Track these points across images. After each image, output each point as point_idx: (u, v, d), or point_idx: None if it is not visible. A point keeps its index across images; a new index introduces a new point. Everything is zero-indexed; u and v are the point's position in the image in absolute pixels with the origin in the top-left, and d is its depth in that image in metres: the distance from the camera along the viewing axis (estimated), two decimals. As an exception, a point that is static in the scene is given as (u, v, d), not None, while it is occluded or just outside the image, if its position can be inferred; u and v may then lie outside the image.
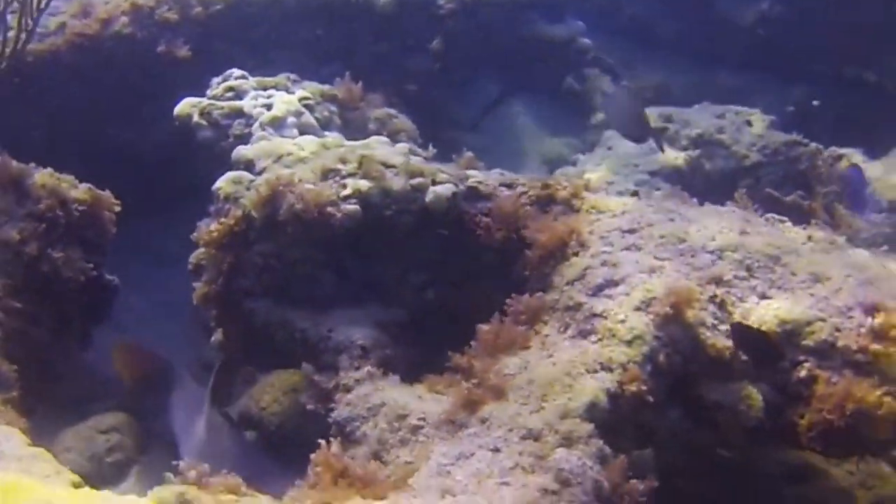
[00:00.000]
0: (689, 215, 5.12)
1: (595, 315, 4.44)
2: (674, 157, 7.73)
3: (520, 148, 8.58)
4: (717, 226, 4.94)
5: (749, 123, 8.06)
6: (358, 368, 4.77)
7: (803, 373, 4.44)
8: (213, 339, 5.57)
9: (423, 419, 4.22)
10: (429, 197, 5.18)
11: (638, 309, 4.40)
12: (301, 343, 5.10)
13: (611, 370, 4.19)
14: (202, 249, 5.38)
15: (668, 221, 4.98)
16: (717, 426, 4.43)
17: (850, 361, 4.45)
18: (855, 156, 7.63)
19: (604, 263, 4.69)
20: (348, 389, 4.66)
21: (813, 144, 7.87)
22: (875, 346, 4.40)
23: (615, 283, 4.57)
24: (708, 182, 7.68)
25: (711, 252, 4.78)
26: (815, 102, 8.95)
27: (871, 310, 4.53)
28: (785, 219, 5.49)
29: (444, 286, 5.34)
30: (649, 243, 4.80)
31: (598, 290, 4.57)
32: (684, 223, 4.99)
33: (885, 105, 8.82)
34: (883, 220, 7.36)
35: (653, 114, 8.16)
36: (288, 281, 5.28)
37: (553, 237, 4.89)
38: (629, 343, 4.28)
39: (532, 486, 3.61)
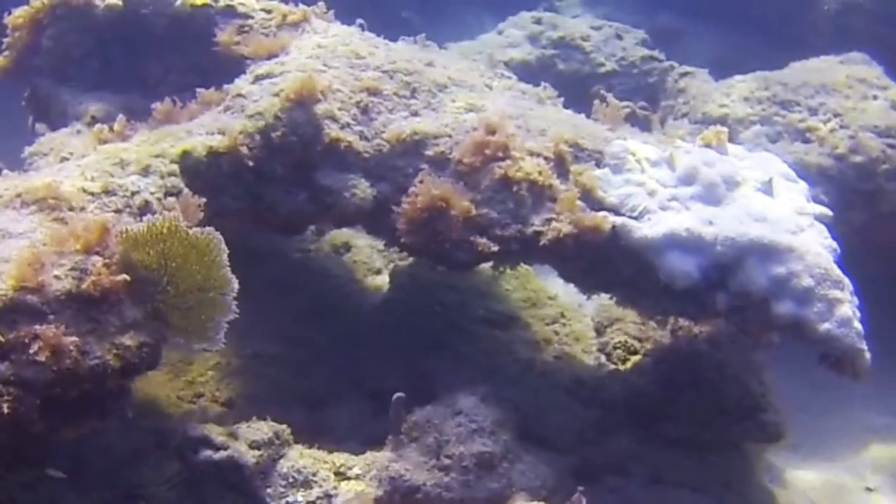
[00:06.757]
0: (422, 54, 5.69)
1: (239, 96, 5.06)
2: (526, 52, 8.12)
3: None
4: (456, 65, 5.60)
5: (619, 37, 8.33)
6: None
7: (419, 177, 4.94)
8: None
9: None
10: (177, 2, 5.89)
11: (275, 95, 4.98)
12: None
13: (224, 134, 4.81)
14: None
15: (365, 44, 5.55)
16: (329, 208, 4.98)
17: (456, 171, 4.94)
18: (700, 74, 7.81)
19: (280, 63, 5.30)
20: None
21: (668, 62, 8.09)
22: (471, 160, 4.87)
23: (273, 75, 5.17)
24: (559, 80, 8.02)
25: (384, 70, 5.32)
26: None
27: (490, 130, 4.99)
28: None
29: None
30: (331, 55, 5.38)
31: (257, 80, 5.18)
32: (383, 49, 5.56)
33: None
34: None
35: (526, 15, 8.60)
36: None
37: (259, 48, 5.53)
38: (250, 117, 4.89)
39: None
